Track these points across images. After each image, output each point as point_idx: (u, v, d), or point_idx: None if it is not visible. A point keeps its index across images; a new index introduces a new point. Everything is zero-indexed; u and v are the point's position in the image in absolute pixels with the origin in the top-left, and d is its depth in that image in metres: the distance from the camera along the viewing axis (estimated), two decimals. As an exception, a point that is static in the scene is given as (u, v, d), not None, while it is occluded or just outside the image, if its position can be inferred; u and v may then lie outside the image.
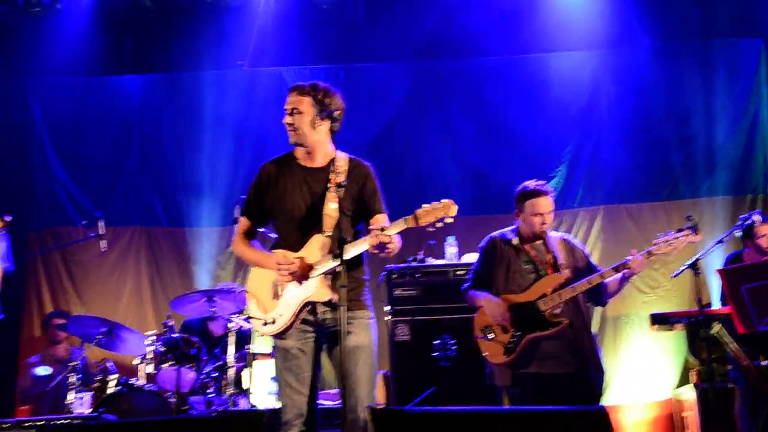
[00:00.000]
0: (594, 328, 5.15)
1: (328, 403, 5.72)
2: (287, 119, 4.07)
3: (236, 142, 8.62)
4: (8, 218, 4.47)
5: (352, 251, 3.83)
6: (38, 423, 5.34)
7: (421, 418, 2.98)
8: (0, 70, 8.63)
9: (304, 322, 3.99)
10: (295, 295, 3.95)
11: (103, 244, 6.69)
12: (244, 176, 8.30)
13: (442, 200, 3.82)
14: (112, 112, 8.85)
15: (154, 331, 6.59)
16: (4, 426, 5.31)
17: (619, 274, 4.91)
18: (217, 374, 6.42)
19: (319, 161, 4.13)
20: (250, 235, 4.27)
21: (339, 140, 3.99)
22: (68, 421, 5.60)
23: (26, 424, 5.30)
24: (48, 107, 8.84)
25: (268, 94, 8.57)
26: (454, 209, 3.81)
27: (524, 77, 8.44)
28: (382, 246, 3.81)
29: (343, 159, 4.10)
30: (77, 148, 8.82)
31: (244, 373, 6.48)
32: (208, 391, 6.27)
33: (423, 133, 8.51)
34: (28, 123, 8.82)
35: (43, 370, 6.91)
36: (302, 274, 3.94)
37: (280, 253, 4.03)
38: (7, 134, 8.69)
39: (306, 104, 4.05)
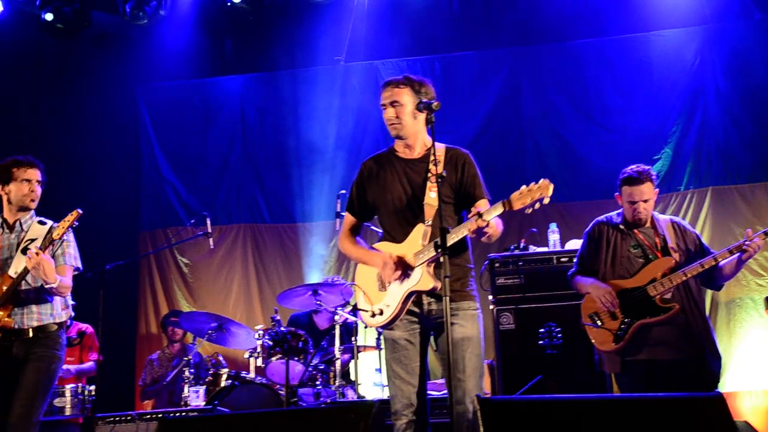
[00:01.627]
0: (705, 313, 4.97)
1: (434, 393, 5.72)
2: (388, 113, 4.07)
3: (336, 137, 8.72)
4: (80, 211, 4.67)
5: (452, 239, 3.81)
6: (158, 415, 5.54)
7: (530, 406, 2.94)
8: (111, 77, 8.99)
9: (411, 313, 4.00)
10: (400, 286, 3.96)
11: (211, 242, 6.86)
12: (344, 170, 8.41)
13: (540, 180, 3.76)
14: (216, 113, 9.11)
15: (261, 326, 6.73)
16: (127, 419, 5.53)
17: (735, 257, 4.74)
18: (324, 366, 6.51)
19: (418, 152, 4.14)
20: (355, 231, 4.31)
21: (438, 131, 3.97)
22: (185, 413, 5.78)
23: (147, 417, 5.50)
24: (155, 110, 9.18)
25: (365, 87, 8.63)
26: (550, 189, 3.74)
27: (625, 58, 8.23)
28: (480, 231, 3.78)
29: (440, 148, 4.09)
30: (183, 149, 9.12)
31: (351, 365, 6.55)
32: (316, 383, 6.36)
33: (522, 120, 8.41)
34: (138, 126, 9.17)
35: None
36: (405, 272, 3.94)
37: (383, 249, 4.04)
38: (119, 138, 9.07)
39: (405, 95, 4.05)
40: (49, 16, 8.36)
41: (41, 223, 4.93)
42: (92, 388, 6.30)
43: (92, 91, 8.95)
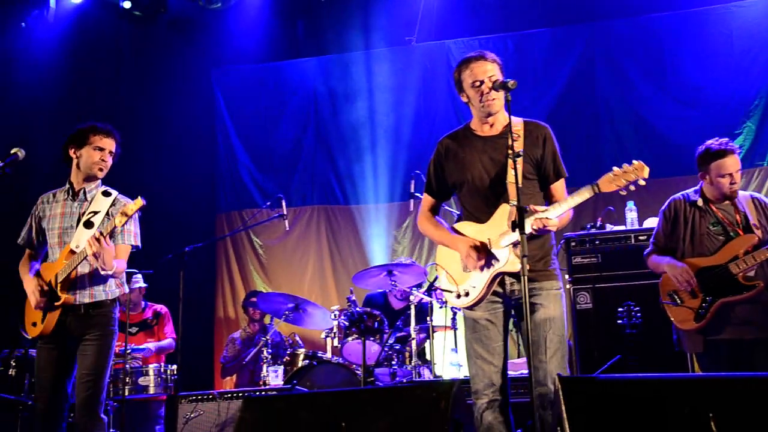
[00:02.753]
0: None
1: (513, 373, 5.70)
2: (488, 87, 3.96)
3: (409, 117, 8.72)
4: (144, 202, 4.63)
5: (528, 223, 3.76)
6: (238, 394, 5.65)
7: (612, 385, 2.92)
8: (187, 61, 9.19)
9: (493, 293, 3.94)
10: (487, 267, 3.94)
11: (287, 224, 6.95)
12: (418, 150, 8.41)
13: (634, 162, 3.69)
14: (289, 96, 9.21)
15: (337, 306, 6.79)
16: (208, 397, 5.66)
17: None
18: (399, 347, 6.54)
19: (497, 128, 4.05)
20: (434, 211, 4.26)
21: (512, 109, 3.92)
22: (264, 393, 5.88)
23: (227, 396, 5.62)
24: (230, 94, 9.33)
25: (437, 67, 8.60)
26: (646, 170, 3.67)
27: (704, 30, 8.01)
28: (542, 230, 3.74)
29: (518, 123, 4.01)
30: (258, 132, 9.25)
31: (426, 345, 6.57)
32: (392, 363, 6.40)
33: (596, 96, 8.29)
34: (213, 110, 9.34)
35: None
36: (487, 261, 3.91)
37: (465, 229, 4.01)
38: (195, 122, 9.25)
39: (497, 70, 4.00)
40: (127, 4, 8.64)
41: (106, 194, 4.81)
42: (174, 367, 6.47)
43: (169, 75, 9.17)
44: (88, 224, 4.65)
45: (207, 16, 9.08)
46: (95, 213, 4.71)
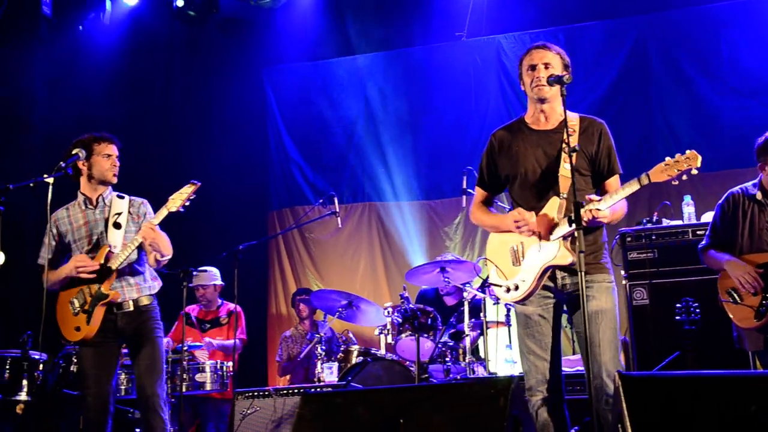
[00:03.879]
0: None
1: (567, 369, 5.64)
2: (540, 72, 3.95)
3: (459, 113, 8.69)
4: (198, 183, 4.71)
5: (585, 215, 3.73)
6: (293, 391, 5.69)
7: (675, 383, 2.87)
8: (239, 60, 9.30)
9: (545, 287, 3.93)
10: (537, 260, 3.90)
11: (339, 221, 6.97)
12: (469, 146, 8.37)
13: (687, 151, 3.63)
14: (339, 92, 9.25)
15: (390, 303, 6.79)
16: (265, 394, 5.71)
17: None
18: (453, 343, 6.53)
19: (552, 122, 4.03)
20: (486, 204, 4.26)
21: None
22: (320, 389, 5.91)
23: (283, 392, 5.66)
24: (281, 92, 9.41)
25: (487, 62, 8.55)
26: (698, 160, 3.62)
27: (762, 19, 7.82)
28: (593, 221, 3.70)
29: (574, 118, 3.98)
30: (309, 130, 9.31)
31: (480, 342, 6.55)
32: (446, 359, 6.39)
33: (650, 89, 8.15)
34: (265, 109, 9.42)
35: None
36: (541, 230, 3.89)
37: (515, 210, 4.00)
38: (247, 120, 9.35)
39: (557, 61, 3.98)
40: (180, 3, 8.76)
41: (120, 197, 4.97)
42: (230, 364, 6.53)
43: (221, 74, 9.30)
44: (117, 225, 4.83)
45: (258, 15, 9.17)
46: (119, 214, 4.88)
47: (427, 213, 8.78)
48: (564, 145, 3.81)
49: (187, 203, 4.73)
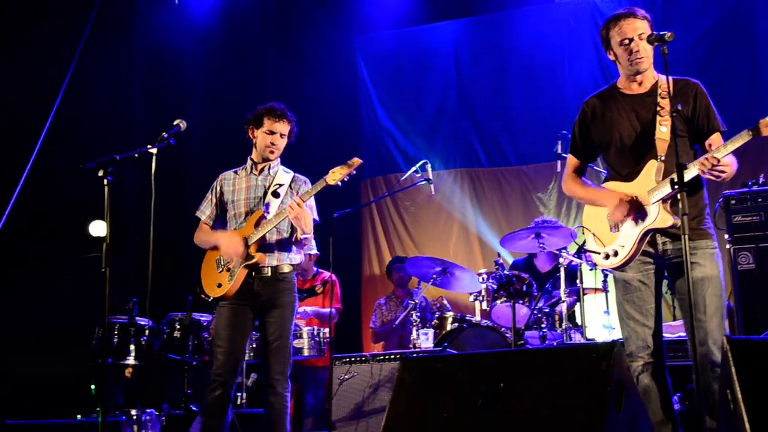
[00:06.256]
0: None
1: (669, 336, 5.53)
2: (638, 45, 3.86)
3: (552, 77, 8.54)
4: (360, 161, 4.80)
5: (687, 175, 3.62)
6: (389, 356, 5.75)
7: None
8: (330, 29, 9.34)
9: (645, 253, 3.88)
10: (635, 225, 3.84)
11: (431, 188, 6.95)
12: (563, 110, 8.20)
13: None
14: (430, 59, 9.19)
15: (484, 269, 6.77)
16: (361, 359, 5.79)
17: None
18: (548, 310, 6.47)
19: (645, 86, 3.98)
20: (579, 172, 4.22)
21: (659, 65, 3.77)
22: (416, 355, 5.95)
23: (379, 358, 5.73)
24: (372, 60, 9.41)
25: (582, 25, 8.36)
26: None
27: None
28: (713, 171, 3.58)
29: (668, 80, 3.89)
30: (400, 97, 9.29)
31: (576, 308, 6.47)
32: (542, 326, 6.34)
33: (756, 41, 7.80)
34: (356, 77, 9.45)
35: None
36: (638, 213, 3.82)
37: (611, 188, 3.93)
38: (339, 90, 9.40)
39: (647, 27, 3.89)
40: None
41: (286, 171, 5.11)
42: (326, 331, 6.63)
43: (312, 44, 9.39)
44: (276, 194, 4.97)
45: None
46: (280, 185, 5.01)
47: (520, 178, 8.68)
48: (659, 108, 3.77)
49: (347, 179, 4.88)
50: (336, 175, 4.81)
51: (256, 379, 6.57)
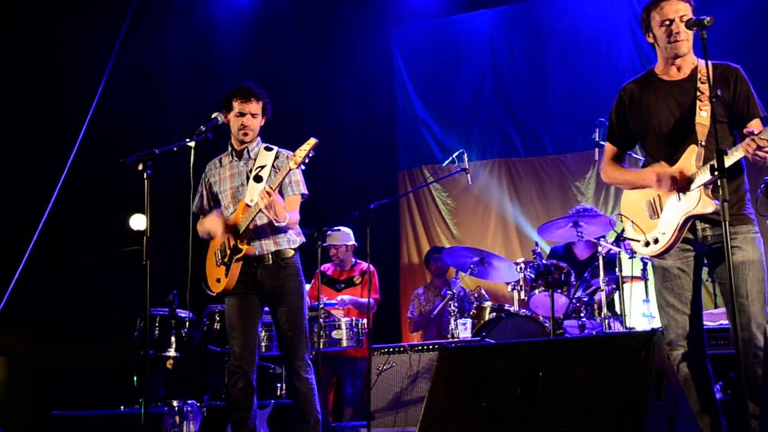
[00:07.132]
0: None
1: (709, 324, 5.46)
2: (678, 27, 3.81)
3: (589, 64, 8.44)
4: (316, 140, 4.66)
5: (728, 161, 3.58)
6: (427, 346, 5.77)
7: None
8: (365, 21, 9.35)
9: (684, 240, 3.85)
10: (676, 211, 3.80)
11: (468, 178, 6.94)
12: (600, 98, 8.10)
13: None
14: (466, 48, 9.15)
15: (522, 259, 6.74)
16: (400, 349, 5.81)
17: None
18: (587, 299, 6.43)
19: (684, 71, 3.93)
20: (617, 160, 4.18)
21: (697, 47, 3.72)
22: (455, 345, 5.96)
23: (418, 348, 5.75)
24: (407, 50, 9.40)
25: (619, 11, 8.27)
26: None
27: None
28: (758, 153, 3.53)
29: (708, 65, 3.84)
30: (436, 88, 9.27)
31: (615, 296, 6.42)
32: (581, 315, 6.30)
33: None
34: (392, 69, 9.45)
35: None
36: (682, 185, 3.78)
37: (656, 166, 3.89)
38: (374, 82, 9.41)
39: (689, 10, 3.84)
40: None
41: (268, 149, 4.94)
42: (364, 321, 6.66)
43: (348, 34, 9.40)
44: (258, 179, 4.82)
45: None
46: (262, 167, 4.85)
47: (558, 167, 8.62)
48: (699, 93, 3.73)
49: (307, 160, 4.66)
50: (297, 159, 4.62)
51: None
